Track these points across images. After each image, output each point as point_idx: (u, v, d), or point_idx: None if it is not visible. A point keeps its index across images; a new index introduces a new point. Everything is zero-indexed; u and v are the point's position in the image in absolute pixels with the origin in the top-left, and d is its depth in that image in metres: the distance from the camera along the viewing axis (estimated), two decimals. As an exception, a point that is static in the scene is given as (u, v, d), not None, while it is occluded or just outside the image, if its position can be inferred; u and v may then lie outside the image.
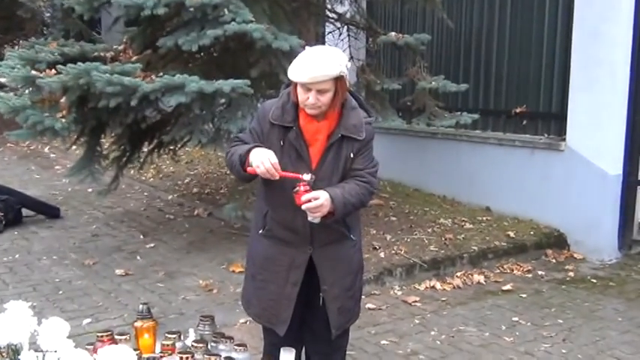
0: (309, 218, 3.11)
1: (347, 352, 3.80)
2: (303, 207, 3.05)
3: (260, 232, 3.48)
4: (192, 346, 3.36)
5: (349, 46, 7.14)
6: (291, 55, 4.87)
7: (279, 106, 3.28)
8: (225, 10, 4.98)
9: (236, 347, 3.35)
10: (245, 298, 3.65)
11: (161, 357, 3.13)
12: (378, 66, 7.60)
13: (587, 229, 6.46)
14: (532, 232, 6.68)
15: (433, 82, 6.29)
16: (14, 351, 2.05)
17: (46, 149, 10.77)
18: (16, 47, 8.95)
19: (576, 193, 6.52)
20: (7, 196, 6.91)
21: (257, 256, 3.56)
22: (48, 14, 13.82)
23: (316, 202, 3.03)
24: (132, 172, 7.91)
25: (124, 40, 6.03)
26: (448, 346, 4.47)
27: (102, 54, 5.65)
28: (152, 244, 6.31)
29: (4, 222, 6.68)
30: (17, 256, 5.99)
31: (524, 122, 7.19)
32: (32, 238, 6.51)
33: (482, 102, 7.51)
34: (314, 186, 3.11)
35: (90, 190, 7.63)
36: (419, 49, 6.36)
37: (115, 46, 5.88)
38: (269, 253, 3.47)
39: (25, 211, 7.04)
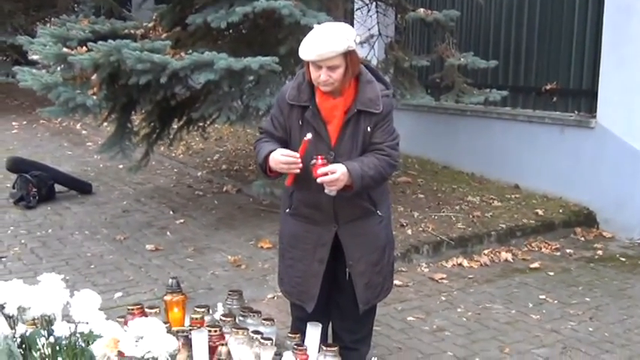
0: (326, 191, 3.15)
1: (376, 328, 3.85)
2: (319, 180, 3.08)
3: (287, 211, 3.53)
4: (220, 319, 3.42)
5: (377, 23, 7.13)
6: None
7: (295, 86, 3.32)
8: (255, -14, 4.98)
9: (263, 321, 3.40)
10: (279, 276, 3.73)
11: (190, 330, 3.19)
12: (407, 43, 7.55)
13: (617, 208, 6.41)
14: (561, 211, 6.62)
15: (462, 59, 6.23)
16: (48, 322, 2.10)
17: (78, 126, 10.83)
18: (48, 25, 8.99)
19: (606, 171, 6.47)
20: (40, 172, 6.97)
21: (285, 235, 3.62)
22: (78, -10, 13.92)
23: (332, 175, 3.07)
24: (162, 148, 7.96)
25: (154, 17, 6.05)
26: (474, 322, 4.48)
27: (132, 31, 5.69)
28: (182, 220, 6.36)
29: (37, 197, 6.76)
30: (50, 230, 6.07)
31: (555, 99, 7.11)
32: (65, 214, 6.59)
33: (511, 79, 7.43)
34: (335, 161, 3.14)
35: (121, 166, 7.71)
36: (448, 25, 6.30)
37: (145, 24, 5.91)
38: (296, 232, 3.53)
39: (57, 187, 7.10)
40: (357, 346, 3.59)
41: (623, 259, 5.77)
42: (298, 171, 3.16)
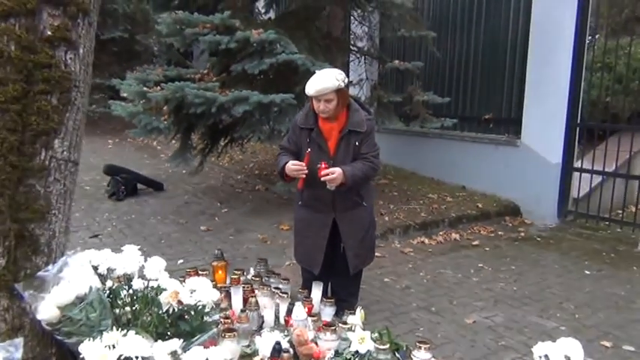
0: (328, 186, 3.18)
1: (361, 286, 3.83)
2: (322, 178, 3.10)
3: (299, 203, 3.53)
4: (251, 279, 3.42)
5: (365, 70, 7.08)
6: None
7: (304, 114, 3.33)
8: (278, 45, 4.96)
9: (282, 281, 3.40)
10: (294, 249, 3.72)
11: (230, 286, 3.19)
12: (386, 84, 7.50)
13: (535, 202, 6.36)
14: (495, 204, 6.56)
15: (425, 96, 6.20)
16: (128, 279, 2.09)
17: (154, 143, 10.82)
18: (134, 71, 9.01)
19: (528, 176, 6.41)
20: (126, 175, 6.99)
21: (298, 220, 3.62)
22: (156, 48, 13.91)
23: (332, 175, 3.08)
24: (213, 159, 7.91)
25: (208, 66, 6.03)
26: (432, 283, 4.44)
27: (192, 76, 5.66)
28: (226, 209, 6.34)
29: (124, 193, 6.76)
30: (133, 216, 6.07)
31: (491, 125, 7.06)
32: (144, 204, 6.59)
33: (460, 110, 7.37)
34: (334, 166, 3.15)
35: (184, 171, 7.67)
36: (415, 72, 6.28)
37: (201, 70, 5.89)
38: (305, 218, 3.53)
39: (139, 186, 7.09)
40: (348, 299, 3.57)
41: (539, 239, 5.72)
42: (304, 176, 3.18)
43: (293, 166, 3.17)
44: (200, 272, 3.36)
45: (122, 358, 1.68)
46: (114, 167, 7.16)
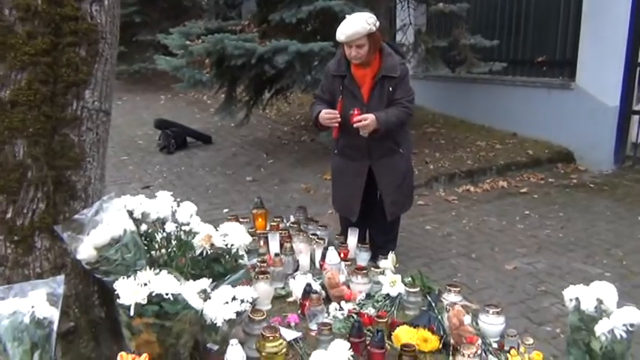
0: (361, 133, 3.13)
1: (401, 234, 3.84)
2: (355, 125, 3.07)
3: (335, 152, 3.54)
4: (289, 225, 3.49)
5: (408, 15, 6.85)
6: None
7: (336, 62, 3.28)
8: (315, -9, 4.88)
9: (319, 227, 3.47)
10: (332, 197, 3.75)
11: (268, 232, 3.28)
12: (431, 29, 7.25)
13: (589, 148, 6.09)
14: (546, 151, 6.35)
15: (472, 40, 5.96)
16: (162, 222, 2.19)
17: (205, 97, 10.95)
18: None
19: (582, 121, 6.13)
20: (177, 129, 7.17)
21: (334, 169, 3.64)
22: (204, 2, 13.91)
23: (365, 122, 3.05)
24: (261, 112, 8.02)
25: (248, 17, 6.02)
26: (474, 230, 4.41)
27: (233, 27, 5.68)
28: (271, 160, 6.44)
29: (175, 146, 6.95)
30: (183, 168, 6.26)
31: (544, 68, 6.76)
32: (193, 157, 6.77)
33: (512, 53, 7.06)
34: (367, 113, 3.11)
35: (232, 124, 7.77)
36: (461, 14, 6.01)
37: (242, 22, 5.88)
38: (341, 166, 3.53)
39: (188, 139, 7.27)
40: (386, 245, 3.56)
41: (592, 186, 5.52)
42: (337, 124, 3.16)
43: (326, 114, 3.15)
44: (241, 220, 3.48)
45: (153, 294, 1.79)
46: (164, 121, 7.34)
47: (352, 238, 3.26)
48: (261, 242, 3.22)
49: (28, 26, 1.84)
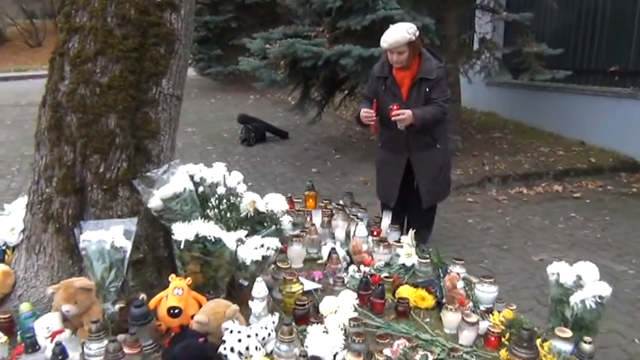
0: (398, 126, 3.49)
1: (442, 224, 4.14)
2: (393, 118, 3.45)
3: (379, 145, 3.93)
4: (334, 206, 3.93)
5: (473, 24, 6.99)
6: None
7: (380, 64, 3.68)
8: (380, 2, 5.25)
9: (360, 209, 3.86)
10: (376, 186, 4.14)
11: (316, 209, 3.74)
12: (497, 37, 7.36)
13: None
14: (611, 159, 6.31)
15: (535, 47, 6.06)
16: (215, 186, 2.70)
17: (289, 98, 11.51)
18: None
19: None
20: (257, 124, 7.77)
21: (378, 160, 4.01)
22: (297, 10, 14.58)
23: (402, 115, 3.42)
24: (337, 112, 8.49)
25: (323, 24, 6.48)
26: (514, 227, 4.59)
27: (309, 33, 6.17)
28: (338, 156, 6.86)
29: (254, 140, 7.54)
30: (258, 159, 6.83)
31: (616, 78, 6.70)
32: (269, 149, 7.33)
33: (578, 62, 7.06)
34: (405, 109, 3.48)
35: (307, 123, 8.31)
36: (524, 23, 6.12)
37: (317, 28, 6.35)
38: (384, 158, 3.92)
39: (267, 134, 7.82)
40: (420, 231, 3.87)
41: (651, 195, 5.46)
42: (373, 122, 3.55)
43: (364, 113, 3.57)
44: (295, 200, 3.98)
45: (199, 235, 2.31)
46: (246, 117, 7.97)
47: (386, 219, 3.63)
48: (308, 218, 3.68)
49: (123, 30, 2.44)
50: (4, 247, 2.69)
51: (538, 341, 2.16)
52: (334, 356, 2.03)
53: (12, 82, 14.81)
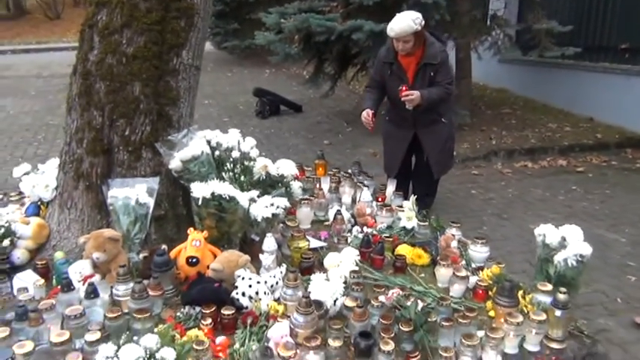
0: (407, 106, 3.67)
1: (446, 194, 4.32)
2: (403, 99, 3.62)
3: (386, 118, 4.11)
4: (343, 174, 4.13)
5: (488, 1, 7.05)
6: (430, 6, 5.17)
7: (385, 50, 3.85)
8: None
9: (367, 177, 4.06)
10: (383, 158, 4.34)
11: (325, 176, 3.94)
12: (510, 14, 7.39)
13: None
14: (617, 136, 6.41)
15: (545, 24, 6.12)
16: (230, 150, 2.91)
17: (304, 72, 11.59)
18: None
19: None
20: (272, 97, 7.94)
21: (384, 132, 4.20)
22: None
23: (411, 96, 3.59)
24: (350, 86, 8.60)
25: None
26: (516, 197, 4.76)
27: (323, 8, 6.29)
28: (350, 129, 7.01)
29: (269, 112, 7.73)
30: (272, 130, 7.02)
31: (627, 55, 6.74)
32: (283, 122, 7.51)
33: (596, 39, 7.09)
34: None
35: (320, 96, 8.43)
36: (537, 0, 6.16)
37: (332, 3, 6.46)
38: (390, 131, 4.11)
39: (282, 107, 8.00)
40: (424, 199, 4.09)
41: (653, 171, 5.56)
42: (370, 128, 3.78)
43: (364, 117, 3.78)
44: (305, 168, 4.19)
45: (215, 193, 2.53)
46: (261, 90, 8.13)
47: (390, 187, 3.82)
48: (317, 185, 3.89)
49: (147, 4, 2.64)
50: (39, 203, 2.95)
51: (520, 293, 2.37)
52: (334, 302, 2.25)
53: (33, 54, 15.07)
